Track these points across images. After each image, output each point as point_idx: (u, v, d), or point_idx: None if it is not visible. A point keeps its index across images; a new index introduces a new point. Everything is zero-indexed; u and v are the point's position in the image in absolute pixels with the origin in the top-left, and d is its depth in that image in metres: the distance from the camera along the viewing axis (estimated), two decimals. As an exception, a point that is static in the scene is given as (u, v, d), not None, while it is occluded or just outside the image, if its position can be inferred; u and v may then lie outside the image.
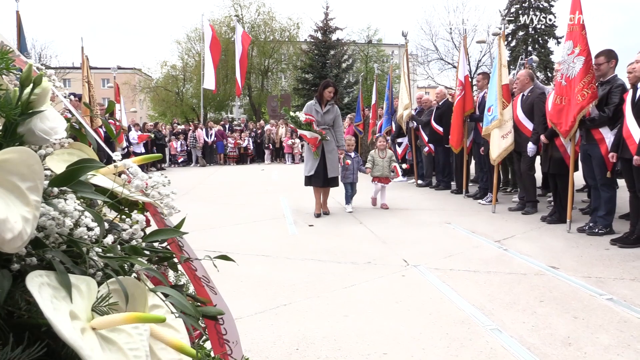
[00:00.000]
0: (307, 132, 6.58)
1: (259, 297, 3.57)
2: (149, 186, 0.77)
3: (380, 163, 7.45)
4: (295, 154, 18.30)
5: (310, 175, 6.81)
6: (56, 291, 0.56)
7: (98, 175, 0.74)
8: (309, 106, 6.83)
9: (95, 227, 0.64)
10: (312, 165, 6.76)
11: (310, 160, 6.84)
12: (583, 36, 5.15)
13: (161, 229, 0.75)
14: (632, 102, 4.74)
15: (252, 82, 36.24)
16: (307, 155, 7.00)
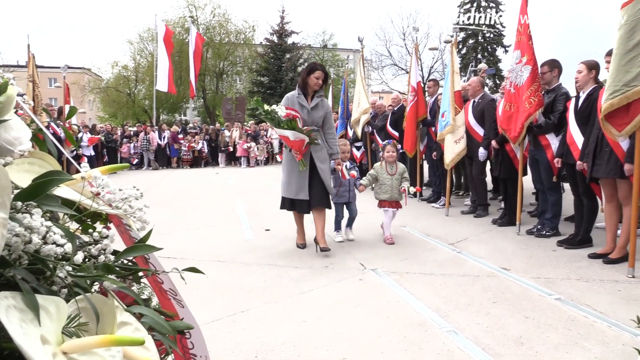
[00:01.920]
0: (290, 132, 4.63)
1: (216, 304, 3.50)
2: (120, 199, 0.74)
3: (388, 181, 5.36)
4: (250, 158, 18.15)
5: (301, 199, 4.83)
6: (23, 314, 0.52)
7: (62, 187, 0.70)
8: (290, 98, 4.87)
9: (64, 244, 0.60)
10: (297, 183, 4.81)
11: (292, 174, 4.85)
12: (530, 46, 5.37)
13: (135, 245, 0.71)
14: (574, 110, 4.96)
15: (206, 84, 35.73)
16: (286, 168, 4.96)
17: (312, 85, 4.78)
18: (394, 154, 5.46)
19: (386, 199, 5.40)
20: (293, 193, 4.84)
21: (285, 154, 5.02)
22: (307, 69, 4.86)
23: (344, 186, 5.33)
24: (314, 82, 4.77)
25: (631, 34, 3.91)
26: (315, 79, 4.76)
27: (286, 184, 4.95)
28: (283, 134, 4.72)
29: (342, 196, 5.38)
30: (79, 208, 0.71)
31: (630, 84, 3.90)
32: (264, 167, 18.23)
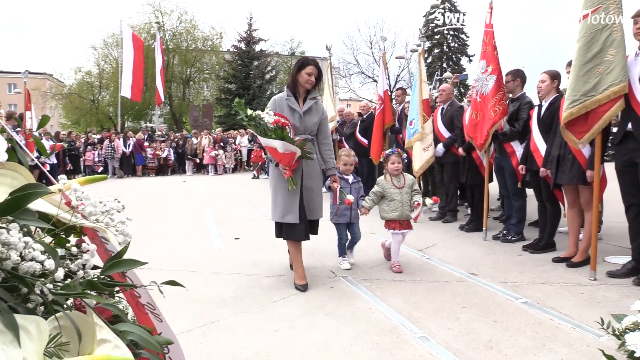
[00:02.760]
0: (278, 143, 3.79)
1: (185, 315, 3.44)
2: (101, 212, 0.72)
3: (397, 197, 4.51)
4: (218, 165, 17.98)
5: (290, 222, 4.05)
6: (3, 335, 0.50)
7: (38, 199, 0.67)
8: (279, 101, 4.08)
9: (45, 260, 0.58)
10: (284, 204, 4.05)
11: (278, 192, 4.11)
12: (495, 56, 5.52)
13: (120, 260, 0.70)
14: (537, 118, 5.12)
15: (173, 91, 35.28)
16: (272, 185, 4.18)
17: (303, 83, 4.01)
18: (399, 165, 4.60)
19: (396, 217, 4.49)
20: (279, 215, 4.06)
21: (272, 168, 4.19)
22: (297, 64, 4.07)
23: (345, 205, 4.50)
24: (305, 79, 3.99)
25: (589, 46, 4.06)
26: (307, 75, 3.99)
27: (272, 204, 4.16)
28: (270, 145, 3.87)
29: (342, 215, 4.61)
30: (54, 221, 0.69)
31: (589, 94, 4.05)
32: (232, 174, 18.09)
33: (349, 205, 4.47)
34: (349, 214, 4.62)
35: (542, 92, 5.09)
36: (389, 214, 4.53)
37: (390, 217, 4.52)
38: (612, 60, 3.98)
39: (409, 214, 4.55)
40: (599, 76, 4.02)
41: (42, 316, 0.56)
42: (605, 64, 3.99)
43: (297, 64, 4.09)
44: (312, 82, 4.03)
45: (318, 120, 4.16)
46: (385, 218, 4.58)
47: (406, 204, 4.52)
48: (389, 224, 4.58)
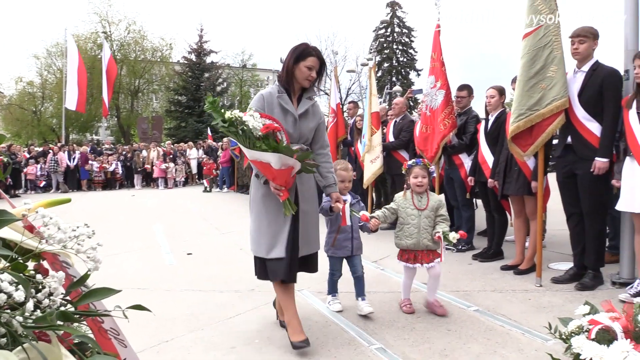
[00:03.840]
0: (273, 156, 2.81)
1: (137, 335, 3.31)
2: (70, 237, 0.69)
3: (413, 220, 3.62)
4: (168, 179, 17.60)
5: (275, 257, 3.06)
6: None
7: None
8: (268, 99, 3.10)
9: (14, 292, 0.54)
10: (277, 234, 3.07)
11: (263, 218, 3.14)
12: (443, 72, 5.72)
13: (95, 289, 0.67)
14: (485, 132, 5.32)
15: (120, 103, 34.35)
16: (258, 210, 3.18)
17: (301, 79, 3.10)
18: (424, 181, 3.62)
19: (410, 246, 3.60)
20: (264, 248, 3.06)
21: (254, 186, 3.20)
22: (295, 54, 3.08)
23: (345, 232, 3.62)
24: (305, 74, 3.07)
25: (532, 62, 4.27)
26: (307, 69, 3.06)
27: (255, 233, 3.16)
28: (259, 159, 2.86)
29: (342, 248, 3.65)
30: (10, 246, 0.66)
31: (533, 108, 4.24)
32: (183, 188, 17.75)
33: (366, 222, 3.52)
34: (350, 245, 3.64)
35: (491, 106, 5.29)
36: (402, 241, 3.64)
37: (403, 244, 3.63)
38: (553, 76, 4.19)
39: (428, 243, 3.57)
40: (542, 91, 4.23)
41: (7, 348, 0.53)
42: (548, 80, 4.21)
43: (294, 53, 3.09)
44: (313, 79, 3.13)
45: (315, 125, 3.24)
46: (398, 245, 3.71)
47: (425, 231, 3.56)
48: (402, 254, 3.69)
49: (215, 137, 27.45)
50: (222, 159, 15.35)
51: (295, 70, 3.10)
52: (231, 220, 8.96)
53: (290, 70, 3.10)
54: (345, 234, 3.63)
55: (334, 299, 3.84)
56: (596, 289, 4.09)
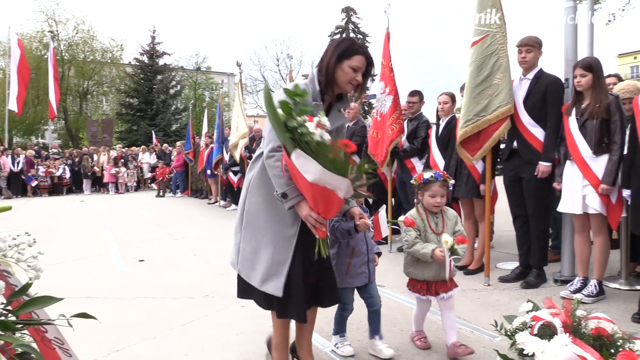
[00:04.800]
0: (338, 178, 2.11)
1: (86, 345, 3.22)
2: (10, 246, 0.67)
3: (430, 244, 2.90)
4: (119, 184, 17.14)
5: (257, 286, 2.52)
6: None
7: None
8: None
9: None
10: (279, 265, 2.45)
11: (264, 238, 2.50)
12: (392, 78, 5.85)
13: (36, 297, 0.66)
14: (436, 137, 5.47)
15: (68, 105, 33.16)
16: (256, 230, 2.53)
17: (344, 83, 2.49)
18: (442, 201, 2.95)
19: (428, 277, 2.96)
20: (258, 278, 2.49)
21: (255, 198, 2.53)
22: (339, 49, 2.47)
23: (360, 255, 2.90)
24: (349, 76, 2.47)
25: (479, 70, 4.43)
26: (353, 71, 2.46)
27: (249, 255, 2.55)
28: (326, 183, 2.13)
29: (356, 275, 2.91)
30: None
31: (480, 114, 4.41)
32: (135, 193, 17.31)
33: (411, 227, 2.90)
34: (367, 270, 2.94)
35: (444, 112, 5.45)
36: (419, 272, 2.98)
37: (420, 276, 2.98)
38: (499, 83, 4.37)
39: (443, 273, 2.91)
40: (488, 98, 4.39)
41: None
42: (494, 87, 4.38)
43: (337, 49, 2.47)
44: (357, 83, 2.51)
45: (341, 134, 2.68)
46: (411, 275, 3.06)
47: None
48: (413, 284, 3.07)
49: (169, 140, 26.94)
50: (175, 163, 15.08)
51: (337, 71, 2.47)
52: (185, 225, 8.82)
53: (331, 70, 2.47)
54: (361, 257, 2.88)
55: (342, 340, 3.06)
56: (540, 287, 4.28)
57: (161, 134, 29.42)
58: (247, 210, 2.56)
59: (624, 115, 3.84)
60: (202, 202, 12.98)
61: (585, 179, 3.87)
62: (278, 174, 2.33)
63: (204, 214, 10.50)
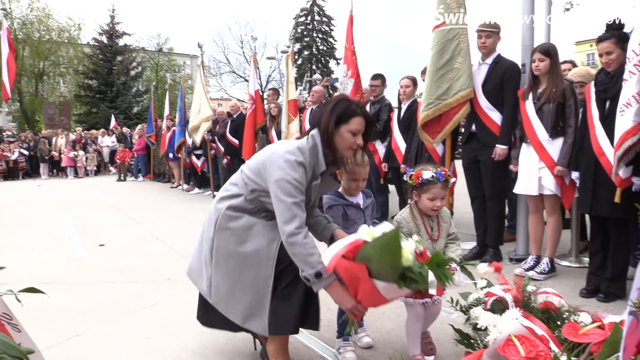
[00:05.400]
0: (403, 290, 2.08)
1: (45, 331, 3.18)
2: None
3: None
4: (78, 168, 16.68)
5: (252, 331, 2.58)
6: None
7: None
8: (308, 174, 2.33)
9: None
10: (259, 303, 2.38)
11: (255, 288, 2.38)
12: (354, 61, 5.90)
13: None
14: (397, 120, 5.54)
15: (23, 86, 31.88)
16: (232, 269, 2.40)
17: (344, 149, 2.37)
18: (441, 205, 2.59)
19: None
20: (239, 317, 2.41)
21: (228, 239, 2.41)
22: (335, 113, 2.34)
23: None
24: (349, 142, 2.35)
25: (441, 54, 4.50)
26: (352, 135, 2.34)
27: (226, 295, 2.43)
28: (384, 292, 2.10)
29: None
30: None
31: (441, 98, 4.49)
32: (95, 177, 16.91)
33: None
34: None
35: (406, 95, 5.52)
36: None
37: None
38: (460, 67, 4.46)
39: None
40: (449, 82, 4.48)
41: None
42: (455, 71, 4.46)
43: (333, 112, 2.34)
44: (359, 146, 2.39)
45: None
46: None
47: None
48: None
49: (130, 123, 26.32)
50: (137, 147, 14.76)
51: (336, 137, 2.33)
52: (147, 209, 8.68)
53: (330, 135, 2.32)
54: None
55: (346, 344, 2.76)
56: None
57: (122, 116, 28.72)
58: (216, 249, 2.43)
59: (578, 100, 3.98)
60: (164, 186, 12.79)
61: (542, 161, 4.00)
62: (308, 252, 2.16)
63: (166, 198, 10.36)
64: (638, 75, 3.15)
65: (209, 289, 2.48)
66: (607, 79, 3.50)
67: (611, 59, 3.43)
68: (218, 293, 2.45)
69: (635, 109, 3.15)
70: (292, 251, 2.20)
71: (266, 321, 2.34)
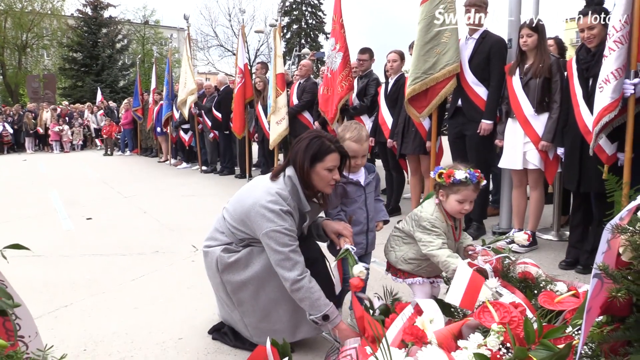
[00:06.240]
0: None
1: (33, 302, 3.19)
2: None
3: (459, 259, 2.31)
4: (64, 142, 16.51)
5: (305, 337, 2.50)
6: None
7: None
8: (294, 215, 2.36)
9: None
10: (298, 310, 2.35)
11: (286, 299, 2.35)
12: (342, 34, 5.86)
13: None
14: (385, 94, 5.55)
15: (6, 59, 31.22)
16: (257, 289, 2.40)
17: (323, 186, 2.39)
18: (469, 208, 2.44)
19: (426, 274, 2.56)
20: (287, 335, 2.29)
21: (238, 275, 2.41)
22: (309, 153, 2.33)
23: (359, 224, 2.65)
24: (326, 179, 2.36)
25: (428, 28, 4.49)
26: (328, 171, 2.35)
27: (260, 324, 2.43)
28: None
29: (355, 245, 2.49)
30: None
31: (428, 72, 4.49)
32: (81, 152, 16.76)
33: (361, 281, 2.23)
34: (365, 241, 2.72)
35: (393, 70, 5.50)
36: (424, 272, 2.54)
37: (421, 273, 2.54)
38: (447, 42, 4.45)
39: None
40: (436, 56, 4.47)
41: None
42: (442, 46, 4.46)
43: (307, 153, 2.33)
44: (337, 181, 2.41)
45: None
46: (409, 270, 2.55)
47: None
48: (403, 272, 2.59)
49: (116, 97, 25.98)
50: (123, 121, 14.60)
51: (313, 176, 2.34)
52: (135, 184, 8.66)
53: (306, 174, 2.33)
54: (360, 226, 2.65)
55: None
56: (479, 239, 4.51)
57: (108, 90, 28.29)
58: (232, 290, 2.44)
59: (564, 77, 4.01)
60: (152, 161, 12.73)
61: (527, 136, 4.05)
62: (315, 296, 2.21)
63: (154, 173, 10.32)
64: (617, 51, 3.19)
65: (247, 329, 2.47)
66: (589, 57, 3.53)
67: (593, 34, 3.45)
68: (256, 327, 2.44)
69: (613, 85, 3.20)
70: (298, 297, 2.23)
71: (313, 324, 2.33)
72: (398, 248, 2.57)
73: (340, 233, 2.49)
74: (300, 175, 2.34)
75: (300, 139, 2.41)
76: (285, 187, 2.33)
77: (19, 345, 0.79)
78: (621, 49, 3.18)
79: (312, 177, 2.33)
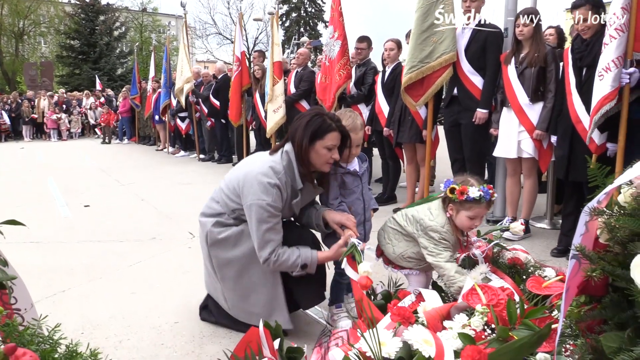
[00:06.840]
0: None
1: (31, 287, 3.19)
2: None
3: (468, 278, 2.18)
4: (62, 130, 16.49)
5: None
6: None
7: None
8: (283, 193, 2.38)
9: None
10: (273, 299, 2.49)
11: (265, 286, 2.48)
12: (340, 22, 5.85)
13: None
14: (381, 83, 5.56)
15: (3, 46, 31.04)
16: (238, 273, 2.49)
17: (320, 164, 2.37)
18: (481, 222, 2.41)
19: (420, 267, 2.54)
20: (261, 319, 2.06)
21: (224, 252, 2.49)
22: (309, 129, 2.31)
23: (357, 215, 2.59)
24: (324, 157, 2.34)
25: (425, 17, 4.49)
26: (327, 150, 2.33)
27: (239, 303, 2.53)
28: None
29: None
30: None
31: (425, 61, 4.50)
32: (79, 140, 16.74)
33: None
34: (362, 231, 2.67)
35: (390, 58, 5.51)
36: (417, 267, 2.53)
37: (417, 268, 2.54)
38: (444, 31, 4.45)
39: None
40: (433, 45, 4.48)
41: None
42: (438, 34, 4.46)
43: (307, 129, 2.32)
44: (335, 160, 2.37)
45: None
46: (408, 267, 2.55)
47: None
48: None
49: (114, 85, 25.88)
50: (121, 109, 14.58)
51: (311, 154, 2.32)
52: (132, 172, 8.68)
53: (304, 153, 2.32)
54: (357, 217, 2.58)
55: (339, 311, 2.65)
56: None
57: (106, 78, 28.16)
58: (217, 264, 2.52)
59: (559, 66, 4.03)
60: (150, 149, 12.73)
61: (522, 125, 4.08)
62: (288, 263, 2.33)
63: (152, 161, 10.34)
64: (619, 39, 3.19)
65: (226, 302, 2.57)
66: (582, 47, 3.55)
67: (587, 26, 3.47)
68: (235, 305, 2.54)
69: (614, 73, 3.21)
70: (273, 269, 2.38)
71: (287, 315, 2.46)
72: (397, 243, 2.53)
73: (343, 224, 2.45)
74: (298, 152, 2.33)
75: (302, 116, 2.42)
76: (281, 161, 2.35)
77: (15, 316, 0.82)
78: (622, 37, 3.19)
79: (310, 154, 2.32)
